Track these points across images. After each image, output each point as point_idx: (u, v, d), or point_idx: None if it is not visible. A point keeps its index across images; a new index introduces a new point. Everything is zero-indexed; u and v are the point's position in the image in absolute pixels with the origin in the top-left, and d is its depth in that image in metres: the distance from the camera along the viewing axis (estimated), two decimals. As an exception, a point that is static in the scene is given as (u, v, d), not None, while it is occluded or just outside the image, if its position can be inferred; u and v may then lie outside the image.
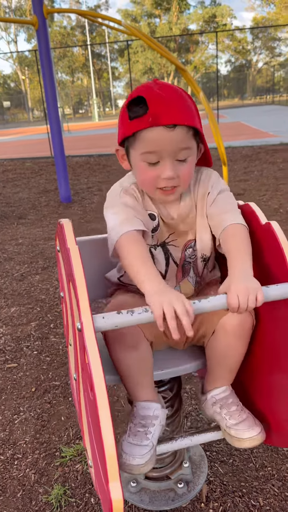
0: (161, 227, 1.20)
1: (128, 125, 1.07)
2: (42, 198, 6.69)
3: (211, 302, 0.97)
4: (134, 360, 1.13)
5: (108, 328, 0.94)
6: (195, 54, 57.29)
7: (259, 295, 0.95)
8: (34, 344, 2.57)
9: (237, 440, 1.13)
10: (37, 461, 1.74)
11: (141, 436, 1.11)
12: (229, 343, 1.15)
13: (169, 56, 5.00)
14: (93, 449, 0.94)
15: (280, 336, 1.10)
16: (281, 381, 1.11)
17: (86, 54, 53.27)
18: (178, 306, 0.91)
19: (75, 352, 1.07)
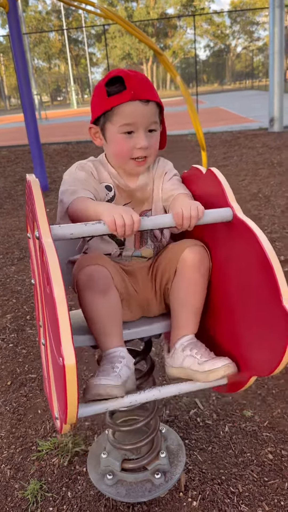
0: (117, 197, 1.32)
1: (106, 101, 1.21)
2: (18, 187, 6.54)
3: (158, 218, 1.11)
4: (103, 306, 1.18)
5: (65, 236, 1.01)
6: (174, 39, 56.67)
7: (200, 206, 1.10)
8: (9, 336, 2.51)
9: (210, 372, 1.13)
10: (13, 456, 1.69)
11: (108, 370, 1.12)
12: (190, 279, 1.24)
13: (146, 40, 4.89)
14: (51, 347, 0.98)
15: (230, 270, 1.16)
16: (238, 317, 1.14)
17: (63, 40, 52.17)
18: (126, 216, 1.04)
19: (36, 262, 1.14)
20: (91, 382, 1.09)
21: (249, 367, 1.12)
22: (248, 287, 1.07)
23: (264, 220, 4.05)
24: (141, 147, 1.22)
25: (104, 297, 1.18)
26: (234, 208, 1.10)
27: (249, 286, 1.06)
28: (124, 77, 1.18)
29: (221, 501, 1.42)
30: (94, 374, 1.17)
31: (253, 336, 1.08)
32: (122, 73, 1.19)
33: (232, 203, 1.11)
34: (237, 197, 4.39)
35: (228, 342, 1.22)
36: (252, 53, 52.89)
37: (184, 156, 7.72)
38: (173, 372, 1.26)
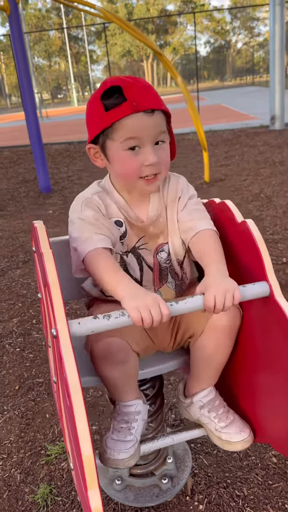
0: (129, 233, 1.19)
1: (104, 117, 1.05)
2: (21, 189, 6.57)
3: (188, 303, 0.97)
4: (122, 374, 1.13)
5: (84, 333, 0.92)
6: (174, 35, 56.47)
7: (236, 293, 0.96)
8: (16, 341, 2.55)
9: (228, 443, 1.14)
10: (23, 461, 1.73)
11: (124, 432, 1.12)
12: (218, 342, 1.15)
13: (146, 41, 4.91)
14: (73, 453, 0.93)
15: (258, 335, 1.10)
16: (262, 380, 1.11)
17: (63, 38, 52.04)
18: (154, 311, 0.91)
19: (54, 356, 1.05)
20: (108, 452, 1.09)
21: (265, 436, 1.13)
22: (275, 361, 1.03)
23: (266, 221, 4.07)
24: (151, 163, 1.07)
25: (122, 367, 1.12)
26: (272, 285, 1.00)
27: (276, 360, 1.03)
28: (122, 87, 1.02)
29: (227, 504, 1.46)
30: (109, 422, 1.17)
31: (274, 409, 1.06)
32: (120, 82, 1.03)
33: (271, 278, 1.01)
34: (239, 197, 4.45)
35: (246, 402, 1.20)
36: (252, 48, 52.71)
37: (186, 156, 7.73)
38: (188, 416, 1.27)
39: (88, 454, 0.74)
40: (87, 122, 1.14)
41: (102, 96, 1.05)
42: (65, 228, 4.47)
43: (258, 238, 1.03)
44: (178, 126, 12.00)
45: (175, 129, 1.10)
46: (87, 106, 1.13)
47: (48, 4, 54.42)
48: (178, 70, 22.17)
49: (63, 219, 4.77)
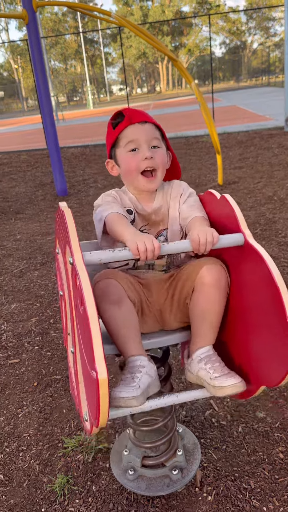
0: (137, 219, 1.50)
1: (113, 134, 1.47)
2: (38, 192, 6.73)
3: (177, 244, 1.24)
4: (118, 315, 1.29)
5: (94, 261, 1.16)
6: (189, 37, 56.44)
7: (214, 233, 1.23)
8: (35, 339, 2.66)
9: (219, 388, 1.23)
10: (41, 452, 1.83)
11: (128, 380, 1.22)
12: (208, 297, 1.33)
13: (160, 47, 5.00)
14: (82, 357, 1.10)
15: (245, 289, 1.25)
16: (254, 331, 1.23)
17: (79, 41, 52.51)
18: (148, 243, 1.18)
19: (66, 280, 1.26)
20: (113, 393, 1.19)
21: (258, 378, 1.23)
22: (259, 306, 1.17)
23: (279, 223, 4.11)
24: (146, 157, 1.40)
25: (118, 307, 1.29)
26: (245, 234, 1.21)
27: (260, 305, 1.16)
28: (122, 111, 1.45)
29: (234, 496, 1.53)
30: (117, 381, 1.29)
31: (262, 351, 1.19)
32: (122, 109, 1.46)
33: (244, 229, 1.22)
34: (252, 200, 4.52)
35: (240, 354, 1.32)
36: (268, 49, 52.32)
37: (199, 158, 7.79)
38: (191, 377, 1.37)
39: (97, 333, 0.96)
40: (106, 142, 1.55)
41: (111, 120, 1.47)
42: (81, 231, 4.59)
43: (232, 202, 1.28)
44: (192, 128, 12.05)
45: (190, 131, 1.30)
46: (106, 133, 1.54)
47: (64, 8, 54.95)
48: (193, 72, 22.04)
49: (79, 222, 4.89)
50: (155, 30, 51.54)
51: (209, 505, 1.50)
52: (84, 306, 0.99)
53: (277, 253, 3.45)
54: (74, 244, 1.10)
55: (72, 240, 1.10)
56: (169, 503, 1.52)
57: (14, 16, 5.35)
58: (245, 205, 4.78)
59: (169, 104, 27.76)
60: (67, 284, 1.28)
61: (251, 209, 4.61)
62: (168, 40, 53.24)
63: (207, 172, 6.64)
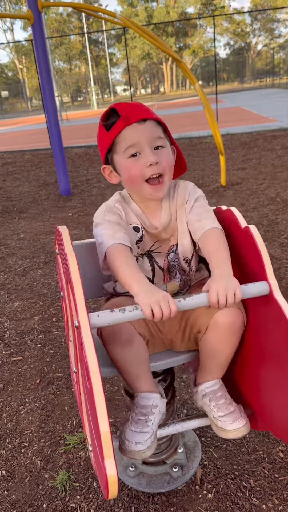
0: (145, 238, 1.33)
1: (107, 136, 1.23)
2: (42, 192, 6.76)
3: (194, 300, 1.10)
4: (130, 355, 1.22)
5: (102, 324, 1.05)
6: (193, 38, 56.47)
7: (237, 291, 1.07)
8: (37, 337, 2.68)
9: (222, 430, 1.23)
10: (43, 449, 1.85)
11: (142, 424, 1.20)
12: (221, 339, 1.25)
13: (165, 48, 5.02)
14: (91, 434, 1.03)
15: (261, 333, 1.19)
16: (266, 374, 1.20)
17: (83, 41, 52.64)
18: (164, 306, 1.04)
19: (74, 347, 1.17)
20: (126, 444, 1.17)
21: (266, 422, 1.22)
22: (276, 356, 1.12)
23: (282, 225, 4.12)
24: (151, 163, 1.19)
25: (129, 347, 1.21)
26: (271, 284, 1.11)
27: (277, 355, 1.11)
28: (116, 108, 1.21)
29: (234, 494, 1.55)
30: (125, 415, 1.27)
31: (275, 400, 1.15)
32: (115, 105, 1.22)
33: (270, 279, 1.11)
34: (255, 201, 4.53)
35: (250, 394, 1.29)
36: (273, 50, 52.29)
37: (203, 159, 7.81)
38: (197, 405, 1.37)
39: (105, 430, 0.86)
40: (99, 146, 1.31)
41: (102, 120, 1.24)
42: (84, 230, 4.61)
43: (260, 242, 1.13)
44: (196, 129, 12.07)
45: (193, 132, 1.23)
46: (97, 134, 1.30)
47: (69, 8, 55.06)
48: (197, 73, 22.03)
49: (82, 222, 4.91)
50: (159, 31, 51.62)
51: (209, 503, 1.52)
52: (90, 383, 0.91)
53: (280, 254, 3.46)
54: (79, 300, 0.98)
55: (77, 299, 0.99)
56: (169, 500, 1.53)
57: (20, 17, 5.38)
58: (248, 206, 4.79)
59: (173, 105, 27.80)
60: (74, 352, 1.18)
61: (254, 210, 4.62)
62: (173, 41, 53.29)
63: (210, 173, 6.66)
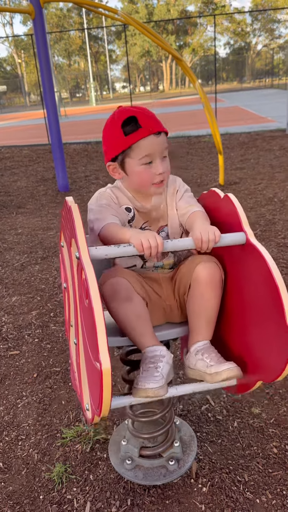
0: (137, 217, 1.50)
1: (124, 141, 1.38)
2: (40, 187, 6.75)
3: (180, 241, 1.26)
4: (130, 311, 1.33)
5: (99, 256, 1.18)
6: (194, 36, 56.41)
7: (217, 232, 1.25)
8: (35, 332, 2.69)
9: (215, 374, 1.29)
10: (40, 442, 1.87)
11: (152, 370, 1.27)
12: (203, 293, 1.38)
13: (166, 47, 5.02)
14: (86, 348, 1.13)
15: (242, 284, 1.29)
16: (251, 325, 1.27)
17: (83, 37, 52.45)
18: (151, 239, 1.20)
19: (71, 271, 1.29)
20: (139, 384, 1.25)
21: (256, 373, 1.27)
22: (258, 303, 1.21)
23: (279, 225, 4.15)
24: (160, 173, 1.40)
25: (129, 303, 1.32)
26: (247, 233, 1.24)
27: (259, 302, 1.20)
28: (137, 116, 1.36)
29: (229, 488, 1.57)
30: (137, 372, 1.33)
31: (259, 347, 1.23)
32: (134, 113, 1.36)
33: (246, 228, 1.25)
34: (252, 201, 4.56)
35: (238, 349, 1.36)
36: (272, 51, 52.33)
37: (201, 158, 7.83)
38: (189, 372, 1.41)
39: (101, 328, 1.00)
40: (106, 144, 1.45)
41: (121, 125, 1.37)
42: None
43: (235, 200, 1.31)
44: (195, 127, 12.08)
45: (193, 131, 1.30)
46: (105, 131, 1.44)
47: (69, 4, 54.77)
48: (197, 71, 22.06)
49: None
50: (160, 29, 51.48)
51: (203, 496, 1.54)
52: (89, 299, 1.02)
53: (276, 254, 3.49)
54: (80, 239, 1.12)
55: (78, 235, 1.13)
56: (165, 493, 1.56)
57: (21, 11, 5.37)
58: (245, 206, 4.81)
59: (172, 103, 27.78)
60: (71, 277, 1.31)
61: (251, 210, 4.65)
62: (173, 39, 53.18)
63: (208, 172, 6.68)
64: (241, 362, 1.33)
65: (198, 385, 1.33)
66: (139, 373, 1.31)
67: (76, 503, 1.56)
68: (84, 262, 1.08)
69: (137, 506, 1.52)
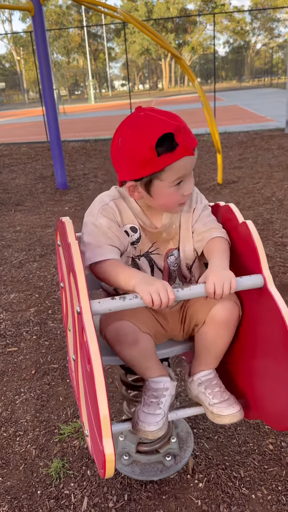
0: (143, 238, 1.31)
1: (157, 162, 1.12)
2: (38, 185, 6.75)
3: (192, 290, 1.14)
4: (137, 353, 1.27)
5: (103, 311, 1.08)
6: (193, 35, 56.35)
7: (233, 282, 1.12)
8: (33, 329, 2.70)
9: (218, 416, 1.28)
10: (38, 438, 1.88)
11: (154, 406, 1.26)
12: (217, 332, 1.29)
13: (165, 45, 5.03)
14: (89, 417, 1.07)
15: (255, 324, 1.24)
16: (259, 365, 1.25)
17: (82, 34, 52.33)
18: (162, 294, 1.08)
19: (74, 334, 1.20)
20: (139, 424, 1.24)
21: (259, 411, 1.27)
22: (270, 347, 1.17)
23: (276, 224, 4.17)
24: (189, 193, 1.22)
25: (135, 346, 1.25)
26: (266, 277, 1.15)
27: (271, 346, 1.16)
28: (174, 132, 1.10)
29: (225, 484, 1.59)
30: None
31: (268, 390, 1.20)
32: (171, 129, 1.10)
33: (265, 272, 1.15)
34: (250, 200, 4.57)
35: (244, 384, 1.34)
36: (272, 50, 52.32)
37: (200, 157, 7.84)
38: (191, 395, 1.41)
39: (105, 411, 0.90)
40: (129, 159, 1.16)
41: (155, 143, 1.10)
42: (80, 224, 4.60)
43: (256, 237, 1.18)
44: (194, 126, 12.08)
45: (192, 129, 1.22)
46: (126, 141, 1.15)
47: (68, 1, 54.64)
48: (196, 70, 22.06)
49: (78, 216, 4.92)
50: (159, 27, 51.44)
51: (200, 492, 1.56)
52: (91, 366, 0.95)
53: (274, 253, 3.51)
54: (82, 292, 1.03)
55: (80, 288, 1.03)
56: (162, 488, 1.57)
57: (21, 8, 5.36)
58: (243, 205, 4.83)
59: (171, 101, 27.75)
60: (73, 339, 1.22)
61: (249, 209, 4.67)
62: (172, 38, 53.14)
63: (207, 170, 6.69)
64: (244, 392, 1.32)
65: (198, 409, 1.36)
66: (140, 403, 1.30)
67: (73, 498, 1.58)
68: (86, 323, 0.99)
69: (134, 501, 1.54)
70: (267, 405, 1.22)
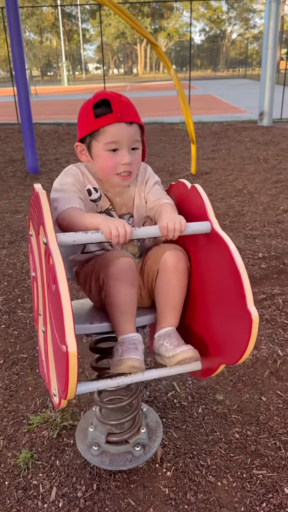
0: (103, 197, 1.49)
1: (94, 122, 1.35)
2: (8, 168, 6.58)
3: (147, 229, 1.28)
4: (131, 296, 1.37)
5: (67, 242, 1.18)
6: (169, 20, 55.75)
7: (183, 221, 1.27)
8: (1, 318, 2.65)
9: (172, 356, 1.34)
10: (5, 428, 1.86)
11: (131, 350, 1.32)
12: (170, 280, 1.42)
13: (141, 30, 4.95)
14: (53, 335, 1.14)
15: (207, 272, 1.34)
16: (214, 310, 1.32)
17: (56, 13, 50.80)
18: (120, 228, 1.20)
19: (39, 258, 1.28)
20: (124, 355, 1.29)
21: (218, 356, 1.32)
22: (221, 289, 1.26)
23: (247, 216, 4.24)
24: (125, 163, 1.37)
25: (132, 288, 1.35)
26: (212, 222, 1.28)
27: (222, 288, 1.25)
28: (110, 100, 1.33)
29: (192, 472, 1.63)
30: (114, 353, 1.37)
31: (223, 331, 1.28)
32: (108, 97, 1.34)
33: (211, 218, 1.29)
34: (222, 192, 4.64)
35: (202, 334, 1.42)
36: (247, 40, 52.53)
37: (174, 146, 7.83)
38: (157, 358, 1.45)
39: (68, 310, 1.00)
40: (79, 125, 1.43)
41: (93, 106, 1.35)
42: (51, 210, 4.53)
43: (202, 193, 1.34)
44: (168, 114, 12.04)
45: (166, 117, 1.31)
46: (80, 112, 1.42)
47: (42, -23, 52.80)
48: (171, 57, 21.93)
49: (49, 202, 4.83)
50: (135, 10, 50.54)
51: (167, 480, 1.59)
52: (56, 284, 1.03)
53: (244, 245, 3.57)
54: (48, 225, 1.12)
55: (46, 222, 1.13)
56: (130, 478, 1.59)
57: (-8, -17, 5.13)
58: (215, 197, 4.87)
59: (145, 87, 27.49)
60: (39, 264, 1.30)
61: (221, 201, 4.72)
62: (148, 22, 52.38)
63: (180, 160, 6.70)
64: (204, 346, 1.38)
65: (164, 370, 1.37)
66: (116, 354, 1.34)
67: (42, 489, 1.58)
68: (52, 248, 1.08)
69: (103, 491, 1.55)
70: (222, 345, 1.29)
